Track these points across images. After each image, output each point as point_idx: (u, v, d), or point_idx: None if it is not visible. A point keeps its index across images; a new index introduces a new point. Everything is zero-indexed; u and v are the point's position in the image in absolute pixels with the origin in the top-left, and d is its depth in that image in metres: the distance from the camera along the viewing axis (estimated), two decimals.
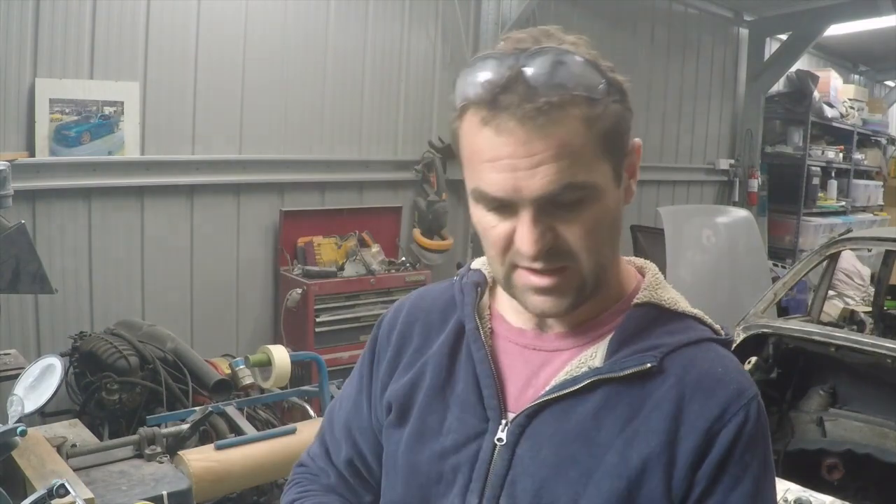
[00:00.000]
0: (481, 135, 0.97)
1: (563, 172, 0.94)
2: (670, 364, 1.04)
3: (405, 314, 1.27)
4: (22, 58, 3.78)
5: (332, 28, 5.03)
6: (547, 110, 0.92)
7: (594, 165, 0.97)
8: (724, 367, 1.06)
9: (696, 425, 1.00)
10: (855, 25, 8.18)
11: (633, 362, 1.04)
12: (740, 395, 1.02)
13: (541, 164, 0.93)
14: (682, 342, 1.07)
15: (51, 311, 4.02)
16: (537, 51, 0.94)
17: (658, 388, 1.03)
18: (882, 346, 3.56)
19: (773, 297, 4.17)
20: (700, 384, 1.03)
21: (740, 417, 1.01)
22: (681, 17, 7.83)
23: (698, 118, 8.34)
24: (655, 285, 1.14)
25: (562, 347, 1.11)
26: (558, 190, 0.95)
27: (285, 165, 4.91)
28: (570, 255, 1.00)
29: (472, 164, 1.00)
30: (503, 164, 0.95)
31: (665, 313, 1.11)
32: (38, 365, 1.78)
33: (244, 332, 4.90)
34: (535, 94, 0.92)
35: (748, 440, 1.01)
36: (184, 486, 2.39)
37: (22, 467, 2.14)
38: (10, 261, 2.66)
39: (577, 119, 0.94)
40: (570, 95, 0.93)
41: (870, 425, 3.73)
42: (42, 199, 3.94)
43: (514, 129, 0.93)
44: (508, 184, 0.95)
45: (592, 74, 0.96)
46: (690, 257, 5.29)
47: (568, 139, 0.93)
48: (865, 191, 10.61)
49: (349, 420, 1.30)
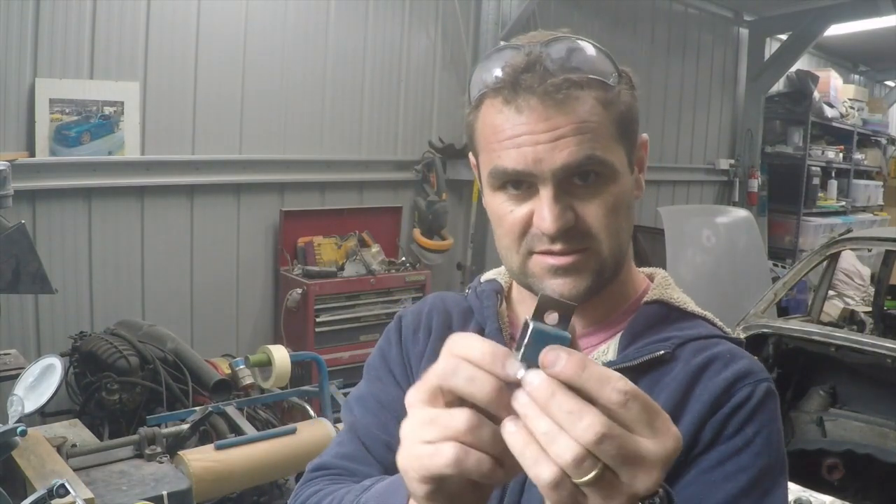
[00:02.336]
0: (502, 115, 0.98)
1: (584, 145, 0.95)
2: (681, 354, 1.04)
3: (428, 311, 1.23)
4: (22, 58, 3.78)
5: (332, 28, 5.03)
6: (567, 87, 0.94)
7: (611, 146, 0.98)
8: (733, 353, 1.04)
9: (700, 399, 0.99)
10: (855, 25, 8.17)
11: (646, 351, 1.03)
12: (748, 374, 1.01)
13: (562, 137, 0.94)
14: (692, 336, 1.06)
15: (51, 311, 4.02)
16: (554, 38, 0.97)
17: (668, 374, 1.02)
18: (882, 346, 3.56)
19: (774, 297, 4.17)
20: (708, 365, 1.02)
21: (745, 392, 0.99)
22: (681, 17, 7.83)
23: (698, 118, 8.34)
24: (664, 286, 1.15)
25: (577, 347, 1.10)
26: (580, 160, 0.95)
27: (285, 165, 4.91)
28: (589, 235, 1.00)
29: (491, 145, 1.00)
30: (525, 139, 0.96)
31: (675, 311, 1.11)
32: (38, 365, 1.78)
33: (244, 332, 4.90)
34: (555, 75, 0.94)
35: (751, 411, 0.99)
36: (184, 486, 2.39)
37: (22, 467, 2.14)
38: (10, 261, 2.66)
39: (595, 99, 0.96)
40: (587, 78, 0.96)
41: (870, 425, 3.73)
42: (42, 199, 3.94)
43: (535, 106, 0.94)
44: (529, 156, 0.96)
45: (605, 62, 0.99)
46: (690, 257, 5.29)
47: (587, 116, 0.95)
48: (865, 191, 10.61)
49: (380, 417, 1.16)
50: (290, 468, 2.94)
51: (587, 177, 0.98)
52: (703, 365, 1.01)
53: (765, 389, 1.01)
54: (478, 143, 1.05)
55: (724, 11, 8.25)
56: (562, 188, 0.97)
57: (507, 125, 0.97)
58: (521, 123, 0.96)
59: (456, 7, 5.54)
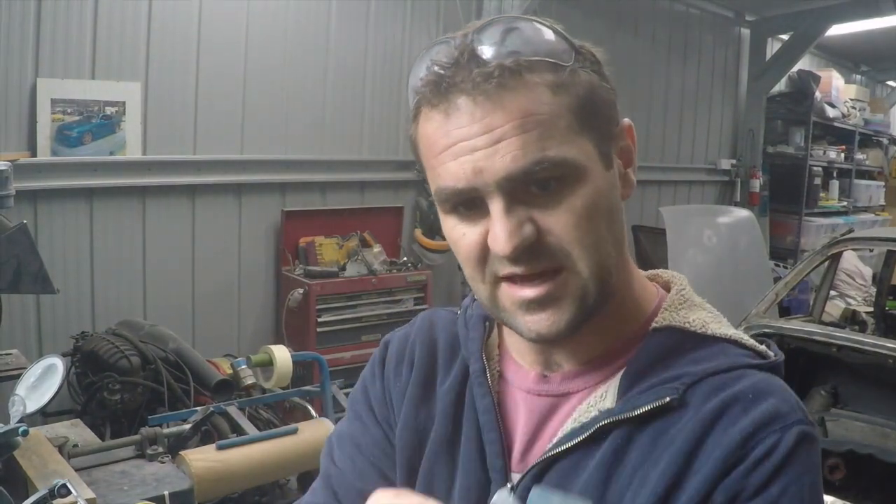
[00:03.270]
0: (432, 123, 0.83)
1: (530, 146, 0.78)
2: (693, 396, 0.83)
3: (412, 339, 1.08)
4: (23, 58, 3.78)
5: (333, 27, 5.02)
6: (499, 76, 0.78)
7: (570, 139, 0.81)
8: (758, 392, 0.82)
9: (711, 456, 0.79)
10: (857, 25, 8.16)
11: (650, 398, 0.84)
12: (774, 419, 0.80)
13: (502, 139, 0.78)
14: (709, 371, 0.85)
15: (52, 311, 4.02)
16: (486, 23, 0.81)
17: (675, 423, 0.83)
18: (883, 346, 3.56)
19: (775, 297, 4.16)
20: (724, 412, 0.81)
21: (769, 442, 0.78)
22: (682, 17, 7.82)
23: (700, 118, 8.34)
24: (679, 304, 0.94)
25: (571, 390, 0.92)
26: (527, 167, 0.78)
27: (287, 165, 4.91)
28: (559, 251, 0.82)
29: (429, 161, 0.85)
30: (459, 148, 0.80)
31: (690, 338, 0.89)
32: (39, 365, 1.78)
33: (246, 332, 4.90)
34: (488, 65, 0.79)
35: (777, 465, 0.77)
36: (185, 486, 2.39)
37: (24, 467, 2.14)
38: (11, 261, 2.66)
39: (540, 85, 0.79)
40: (527, 61, 0.79)
41: (871, 426, 3.73)
42: (44, 199, 3.94)
43: (464, 105, 0.79)
44: (468, 168, 0.79)
45: (553, 39, 0.82)
46: (692, 257, 5.29)
47: (531, 108, 0.78)
48: (867, 191, 10.60)
49: (358, 458, 1.05)
50: (292, 468, 2.94)
51: (546, 184, 0.81)
52: (718, 411, 0.81)
53: (796, 435, 0.79)
54: (422, 161, 0.89)
55: (725, 11, 8.24)
56: (514, 198, 0.80)
57: (438, 134, 0.82)
58: (452, 129, 0.80)
59: (457, 7, 5.54)
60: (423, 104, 0.84)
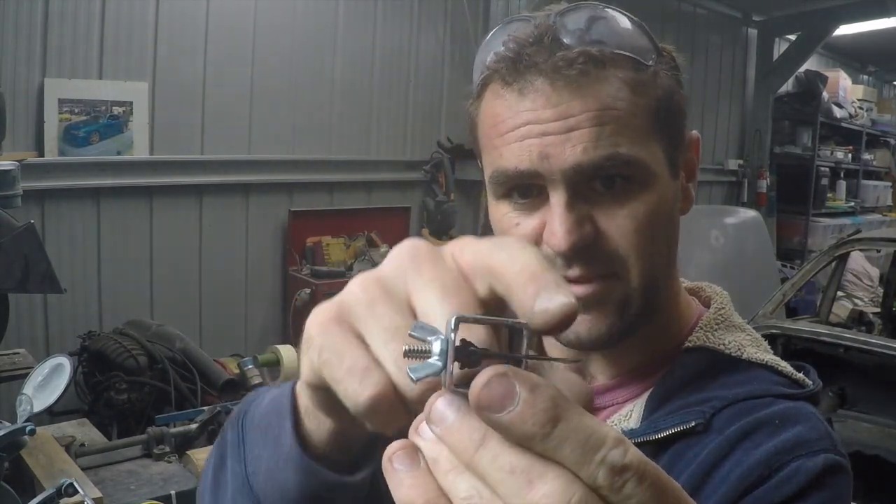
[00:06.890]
0: (502, 101, 0.78)
1: (604, 140, 0.74)
2: (718, 421, 0.78)
3: None
4: (31, 58, 3.79)
5: (341, 28, 5.03)
6: (583, 63, 0.74)
7: (642, 141, 0.77)
8: (785, 418, 0.77)
9: (728, 478, 0.73)
10: (864, 26, 8.14)
11: (674, 421, 0.78)
12: (798, 445, 0.74)
13: (575, 129, 0.74)
14: (739, 396, 0.79)
15: (60, 310, 4.03)
16: (572, 6, 0.77)
17: (694, 447, 0.77)
18: (891, 347, 3.55)
19: (782, 297, 4.16)
20: (748, 435, 0.76)
21: (792, 467, 0.73)
22: (689, 17, 7.81)
23: (707, 118, 8.32)
24: (716, 324, 0.88)
25: (599, 405, 0.86)
26: (597, 160, 0.74)
27: (294, 165, 4.92)
28: (615, 257, 0.77)
29: (492, 141, 0.80)
30: (528, 130, 0.76)
31: (723, 361, 0.84)
32: (47, 364, 1.78)
33: (253, 332, 4.91)
34: (570, 49, 0.75)
35: (798, 490, 0.72)
36: (192, 485, 2.39)
37: (31, 466, 2.14)
38: (19, 260, 2.66)
39: (621, 80, 0.76)
40: (612, 53, 0.76)
41: (878, 426, 3.72)
42: (51, 198, 3.95)
43: (541, 87, 0.75)
44: (534, 151, 0.75)
45: (639, 36, 0.79)
46: (699, 258, 5.28)
47: (610, 102, 0.75)
48: (874, 191, 10.58)
49: None
50: None
51: (611, 182, 0.77)
52: (741, 434, 0.76)
53: (822, 463, 0.73)
54: (480, 140, 0.85)
55: (732, 12, 8.23)
56: (578, 194, 0.76)
57: (507, 113, 0.77)
58: (524, 110, 0.76)
59: (465, 7, 5.54)
60: (495, 80, 0.80)
